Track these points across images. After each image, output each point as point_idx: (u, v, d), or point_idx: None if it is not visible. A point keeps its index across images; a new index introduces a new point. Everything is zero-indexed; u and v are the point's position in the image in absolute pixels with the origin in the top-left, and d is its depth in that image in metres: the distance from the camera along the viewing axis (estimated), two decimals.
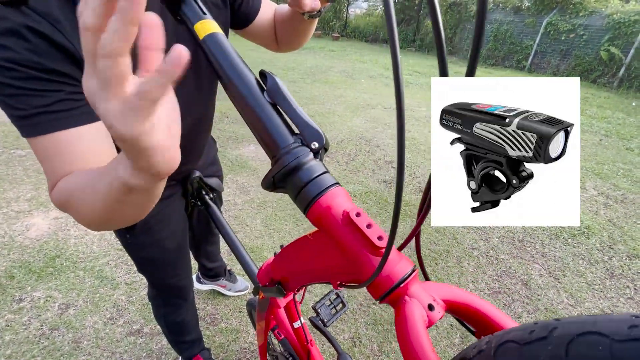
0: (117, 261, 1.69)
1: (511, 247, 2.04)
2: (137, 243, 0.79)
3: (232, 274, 1.54)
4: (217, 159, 0.96)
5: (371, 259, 0.30)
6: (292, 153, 0.33)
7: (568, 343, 0.20)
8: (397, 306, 0.30)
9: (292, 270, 0.45)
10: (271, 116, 0.35)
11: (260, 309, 0.74)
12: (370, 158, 3.00)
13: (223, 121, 3.56)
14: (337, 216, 0.32)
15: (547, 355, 0.20)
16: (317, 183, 0.33)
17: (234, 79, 0.37)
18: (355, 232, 0.31)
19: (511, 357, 0.23)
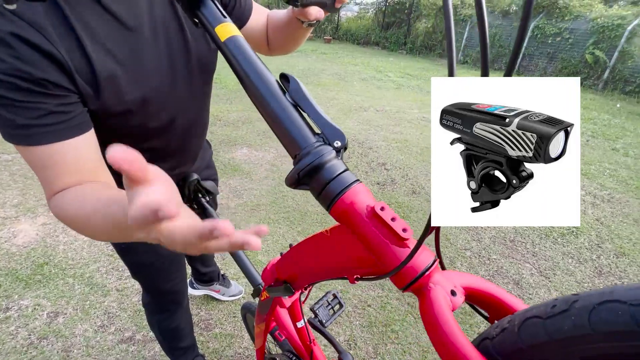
0: (108, 267, 1.66)
1: (503, 247, 2.07)
2: (131, 248, 0.78)
3: (225, 279, 1.52)
4: (212, 162, 0.95)
5: (396, 250, 0.32)
6: (316, 151, 0.34)
7: (590, 312, 0.22)
8: (422, 294, 0.32)
9: (303, 267, 0.45)
10: (294, 116, 0.36)
11: (260, 311, 0.73)
12: (364, 160, 3.01)
13: (215, 124, 3.53)
14: (362, 211, 0.33)
15: (571, 325, 0.22)
16: (340, 180, 0.34)
17: (255, 81, 0.38)
18: (381, 225, 0.32)
19: (535, 330, 0.25)
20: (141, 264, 0.83)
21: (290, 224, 2.10)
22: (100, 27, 0.44)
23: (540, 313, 0.25)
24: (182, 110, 0.61)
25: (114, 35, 0.46)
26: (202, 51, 0.58)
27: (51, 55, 0.39)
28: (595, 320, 0.21)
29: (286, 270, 0.50)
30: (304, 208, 2.27)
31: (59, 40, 0.40)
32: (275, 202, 2.30)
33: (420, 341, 1.44)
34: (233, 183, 2.51)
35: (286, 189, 2.48)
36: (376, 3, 11.70)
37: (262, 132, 3.44)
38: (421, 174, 2.86)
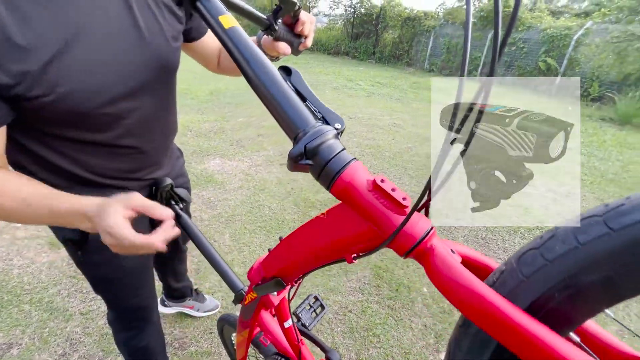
0: (70, 290, 1.54)
1: (476, 244, 2.14)
2: (90, 261, 0.72)
3: (199, 294, 1.45)
4: (185, 171, 0.92)
5: (398, 218, 0.33)
6: (317, 130, 0.36)
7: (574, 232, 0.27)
8: (425, 256, 0.33)
9: (296, 258, 0.46)
10: (295, 99, 0.38)
11: (244, 316, 0.70)
12: None
13: (186, 135, 3.43)
14: (363, 185, 0.34)
15: (561, 247, 0.27)
16: (340, 158, 0.35)
17: (257, 68, 0.39)
18: (382, 196, 0.34)
19: (533, 259, 0.29)
20: (103, 278, 0.77)
21: (267, 233, 2.06)
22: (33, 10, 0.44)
23: (533, 245, 0.29)
24: (139, 105, 0.59)
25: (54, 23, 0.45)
26: (161, 47, 0.58)
27: None
28: (582, 239, 0.26)
29: (276, 265, 0.50)
30: (281, 216, 2.24)
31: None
32: (251, 212, 2.25)
33: (402, 343, 1.44)
34: (206, 194, 2.43)
35: (262, 198, 2.44)
36: (344, 15, 12.03)
37: (235, 142, 3.38)
38: (395, 178, 2.92)
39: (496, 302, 0.27)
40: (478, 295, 0.28)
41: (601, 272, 0.25)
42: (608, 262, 0.25)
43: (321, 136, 0.35)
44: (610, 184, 3.15)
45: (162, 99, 0.65)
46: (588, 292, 0.26)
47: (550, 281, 0.27)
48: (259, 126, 3.90)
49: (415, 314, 1.59)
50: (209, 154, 3.07)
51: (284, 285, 0.50)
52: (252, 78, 0.40)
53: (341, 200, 0.37)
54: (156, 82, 0.60)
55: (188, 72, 6.47)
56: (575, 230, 0.27)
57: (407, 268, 1.89)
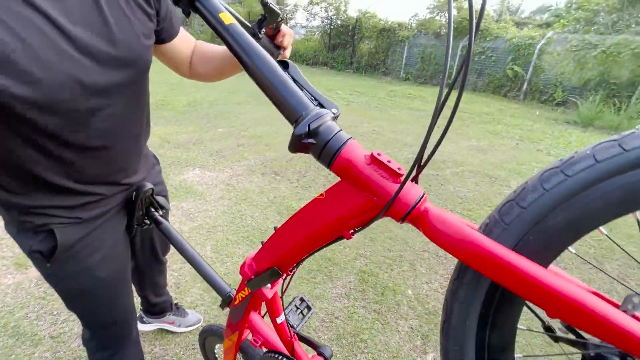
0: (39, 312, 1.45)
1: None
2: (60, 273, 0.68)
3: (180, 308, 1.40)
4: (162, 178, 0.89)
5: (394, 187, 0.36)
6: (317, 113, 0.39)
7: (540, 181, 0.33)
8: (421, 218, 0.37)
9: (293, 243, 0.48)
10: (294, 87, 0.41)
11: (233, 319, 0.69)
12: (320, 174, 3.04)
13: (163, 147, 3.35)
14: (361, 159, 0.38)
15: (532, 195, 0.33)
16: (339, 137, 0.38)
17: (257, 60, 0.42)
18: (380, 167, 0.37)
19: (510, 209, 0.34)
20: (75, 292, 0.72)
21: (250, 243, 2.03)
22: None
23: (510, 198, 0.35)
24: (109, 102, 0.57)
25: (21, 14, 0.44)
26: (131, 44, 0.57)
27: None
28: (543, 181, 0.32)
29: (272, 255, 0.51)
30: (264, 225, 2.21)
31: None
32: (233, 222, 2.21)
33: (389, 347, 1.44)
34: (186, 206, 2.37)
35: (244, 207, 2.40)
36: (321, 26, 12.26)
37: (215, 152, 3.33)
38: None
39: (490, 245, 0.32)
40: (474, 242, 0.32)
41: (563, 213, 0.31)
42: (567, 203, 0.31)
43: (320, 118, 0.38)
44: None
45: (133, 98, 0.64)
46: (556, 231, 0.32)
47: (527, 225, 0.33)
48: (239, 136, 3.86)
49: (402, 317, 1.60)
50: (188, 165, 3.01)
51: (280, 275, 0.51)
52: (253, 69, 0.42)
53: (340, 176, 0.40)
54: (127, 80, 0.59)
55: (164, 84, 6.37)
56: (541, 179, 0.33)
57: (392, 271, 1.90)
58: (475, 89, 9.08)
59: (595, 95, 6.58)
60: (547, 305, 0.30)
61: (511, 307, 0.37)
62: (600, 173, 0.30)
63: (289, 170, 3.08)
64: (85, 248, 0.68)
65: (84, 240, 0.67)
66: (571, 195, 0.31)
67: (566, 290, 0.29)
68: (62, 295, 0.74)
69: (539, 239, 0.32)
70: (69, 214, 0.64)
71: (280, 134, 4.04)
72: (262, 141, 3.76)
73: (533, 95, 8.05)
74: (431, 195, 2.85)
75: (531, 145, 4.45)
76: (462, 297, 0.37)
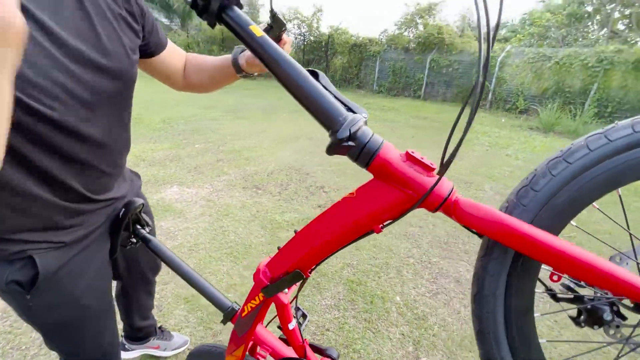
0: (5, 348, 1.32)
1: (439, 250, 2.24)
2: (43, 305, 0.62)
3: (164, 331, 1.33)
4: (142, 194, 0.86)
5: (429, 181, 0.41)
6: (352, 119, 0.42)
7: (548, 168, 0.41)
8: (453, 206, 0.42)
9: (320, 242, 0.50)
10: (327, 95, 0.44)
11: (238, 332, 0.67)
12: (302, 186, 3.04)
13: (139, 165, 3.24)
14: (397, 157, 0.42)
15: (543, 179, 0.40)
16: (375, 140, 0.42)
17: (291, 70, 0.44)
18: (415, 163, 0.42)
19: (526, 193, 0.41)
20: (59, 323, 0.67)
21: (234, 260, 1.97)
22: None
23: (524, 184, 0.42)
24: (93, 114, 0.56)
25: None
26: (120, 58, 0.58)
27: None
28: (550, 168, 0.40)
29: (293, 257, 0.53)
30: (248, 241, 2.16)
31: None
32: (215, 239, 2.15)
33: (382, 355, 1.43)
34: (165, 224, 2.28)
35: (226, 223, 2.34)
36: (295, 42, 12.48)
37: (193, 169, 3.25)
38: None
39: (516, 223, 0.39)
40: (504, 221, 0.39)
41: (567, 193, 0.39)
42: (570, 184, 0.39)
43: (357, 122, 0.41)
44: None
45: (117, 111, 0.63)
46: (562, 207, 0.40)
47: (540, 204, 0.40)
48: (217, 151, 3.81)
49: (392, 324, 1.60)
50: (166, 182, 2.92)
51: (302, 277, 0.53)
52: (288, 80, 0.45)
53: (376, 175, 0.44)
54: (114, 92, 0.59)
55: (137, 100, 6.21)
56: (548, 167, 0.40)
57: (379, 279, 1.91)
58: (445, 100, 9.51)
59: (553, 102, 7.08)
60: (560, 265, 0.38)
61: (529, 274, 0.44)
62: (593, 159, 0.38)
63: (271, 183, 3.05)
64: (69, 275, 0.63)
65: (67, 266, 0.62)
66: (572, 177, 0.39)
67: (574, 252, 0.37)
68: (42, 330, 0.68)
69: (549, 215, 0.40)
70: (50, 238, 0.59)
71: (259, 147, 4.03)
72: (242, 155, 3.72)
73: (498, 104, 8.55)
74: None
75: (500, 151, 4.69)
76: (492, 271, 0.44)
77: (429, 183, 0.41)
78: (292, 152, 3.97)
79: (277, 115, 6.04)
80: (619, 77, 6.84)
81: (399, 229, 2.42)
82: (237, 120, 5.30)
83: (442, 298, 1.80)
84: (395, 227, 2.44)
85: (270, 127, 5.08)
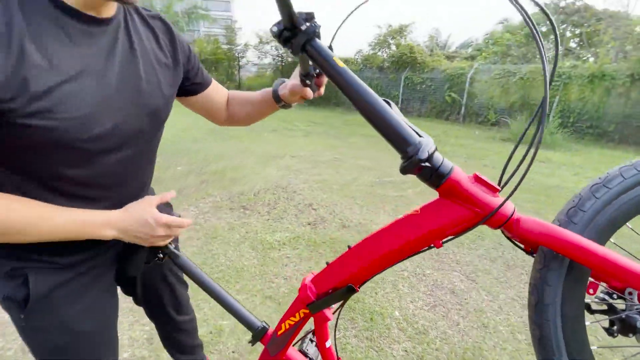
0: None
1: (432, 261, 2.26)
2: (34, 326, 0.61)
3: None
4: None
5: (495, 200, 0.47)
6: (426, 144, 0.46)
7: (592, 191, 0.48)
8: (514, 224, 0.47)
9: (376, 258, 0.53)
10: (402, 122, 0.48)
11: (271, 351, 0.67)
12: (290, 204, 3.01)
13: None
14: (467, 179, 0.47)
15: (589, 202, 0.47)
16: (446, 164, 0.47)
17: (370, 98, 0.49)
18: (482, 184, 0.47)
19: (575, 213, 0.48)
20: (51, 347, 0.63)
21: (226, 284, 1.89)
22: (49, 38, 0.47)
23: (571, 205, 0.49)
24: (121, 147, 0.59)
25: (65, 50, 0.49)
26: (155, 98, 0.62)
27: None
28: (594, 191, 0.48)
29: (344, 272, 0.56)
30: (239, 263, 2.09)
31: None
32: (205, 263, 2.07)
33: None
34: None
35: (215, 246, 2.26)
36: (273, 63, 12.71)
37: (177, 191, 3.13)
38: (346, 209, 3.00)
39: (575, 237, 0.45)
40: (563, 236, 0.45)
41: (608, 212, 0.47)
42: (609, 206, 0.47)
43: (432, 146, 0.47)
44: (522, 192, 3.68)
45: (145, 147, 0.65)
46: (603, 226, 0.47)
47: (587, 222, 0.47)
48: (201, 173, 3.73)
49: (394, 341, 1.57)
50: None
51: (355, 291, 0.55)
52: (368, 109, 0.49)
53: (443, 194, 0.49)
54: (143, 129, 0.62)
55: None
56: (592, 190, 0.48)
57: (377, 295, 1.88)
58: (420, 115, 9.88)
59: (521, 114, 7.52)
60: (608, 271, 0.44)
61: (580, 283, 0.50)
62: (627, 186, 0.47)
63: (258, 203, 3.00)
64: (64, 298, 0.61)
65: (61, 289, 0.60)
66: (611, 200, 0.47)
67: (621, 260, 0.43)
68: (36, 353, 0.64)
69: (595, 231, 0.47)
70: (44, 258, 0.58)
71: (244, 167, 3.98)
72: (226, 176, 3.66)
73: (471, 117, 8.97)
74: (399, 215, 2.94)
75: (478, 162, 4.88)
76: (550, 281, 0.49)
77: (495, 203, 0.46)
78: (277, 170, 3.95)
79: (259, 134, 6.03)
80: (577, 90, 7.40)
81: None
82: (219, 141, 5.24)
83: (440, 310, 1.80)
84: None
85: (253, 147, 5.06)
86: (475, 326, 1.69)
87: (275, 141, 5.51)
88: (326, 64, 0.51)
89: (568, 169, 4.76)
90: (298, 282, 1.95)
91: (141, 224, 0.59)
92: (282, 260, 2.16)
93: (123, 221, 0.58)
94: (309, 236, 2.47)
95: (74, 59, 0.49)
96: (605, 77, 7.10)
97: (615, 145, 6.85)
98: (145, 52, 0.61)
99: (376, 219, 2.82)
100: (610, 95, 7.08)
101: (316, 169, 4.09)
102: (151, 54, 0.62)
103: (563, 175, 4.44)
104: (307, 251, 2.29)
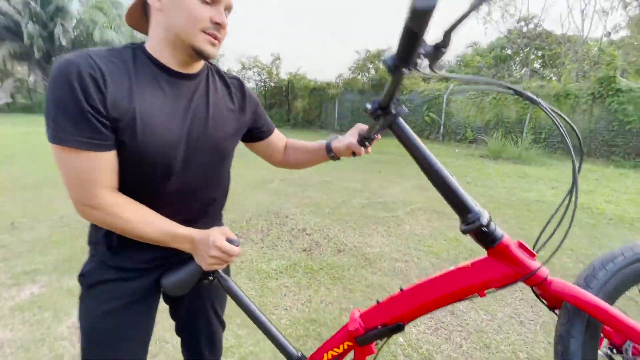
0: None
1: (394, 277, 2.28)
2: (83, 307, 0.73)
3: None
4: None
5: (533, 264, 0.58)
6: (484, 211, 0.59)
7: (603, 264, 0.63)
8: (546, 284, 0.57)
9: (426, 301, 0.62)
10: (464, 193, 0.60)
11: None
12: (284, 229, 2.99)
13: None
14: (514, 244, 0.58)
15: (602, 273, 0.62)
16: (499, 229, 0.59)
17: (437, 166, 0.61)
18: (524, 249, 0.58)
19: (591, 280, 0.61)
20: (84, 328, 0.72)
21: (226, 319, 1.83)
22: (148, 87, 0.64)
23: (588, 273, 0.62)
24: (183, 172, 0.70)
25: (157, 95, 0.65)
26: (219, 137, 0.74)
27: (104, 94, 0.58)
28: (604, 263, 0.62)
29: (395, 311, 0.63)
30: None
31: (113, 86, 0.59)
32: None
33: None
34: None
35: None
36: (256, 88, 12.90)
37: None
38: (340, 232, 3.01)
39: (593, 298, 0.56)
40: (585, 297, 0.56)
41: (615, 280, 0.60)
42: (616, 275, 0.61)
43: (487, 215, 0.58)
44: (505, 207, 3.82)
45: (206, 176, 0.75)
46: (611, 290, 0.60)
47: (600, 287, 0.60)
48: None
49: None
50: None
51: (403, 329, 0.64)
52: (439, 179, 0.60)
53: (491, 254, 0.59)
54: (206, 161, 0.73)
55: None
56: (602, 262, 0.62)
57: None
58: None
59: (497, 132, 7.91)
60: (618, 328, 0.55)
61: (595, 337, 0.61)
62: (627, 262, 0.61)
63: (251, 230, 2.97)
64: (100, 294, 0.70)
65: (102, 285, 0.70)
66: (617, 271, 0.61)
67: (628, 320, 0.55)
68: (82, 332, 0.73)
69: (605, 296, 0.59)
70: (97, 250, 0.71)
71: (234, 193, 3.93)
72: None
73: (450, 136, 9.35)
74: (392, 237, 2.98)
75: (461, 179, 5.05)
76: (575, 333, 0.59)
77: (534, 266, 0.57)
78: (267, 194, 3.94)
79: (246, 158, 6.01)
80: None
81: (386, 265, 2.44)
82: None
83: (442, 333, 1.81)
84: (383, 264, 2.46)
85: (242, 171, 5.03)
86: (478, 347, 1.71)
87: (263, 166, 5.45)
88: (408, 141, 0.63)
89: (545, 183, 5.00)
90: (299, 312, 1.92)
91: (204, 242, 0.66)
92: (281, 290, 2.12)
93: (199, 240, 0.67)
94: (305, 263, 2.45)
95: (162, 102, 0.65)
96: (569, 96, 7.65)
97: (584, 158, 7.28)
98: (217, 100, 0.74)
99: (370, 241, 2.84)
100: (575, 112, 7.60)
101: (306, 192, 4.11)
102: (222, 102, 0.75)
103: (541, 189, 4.65)
104: (306, 279, 2.26)
